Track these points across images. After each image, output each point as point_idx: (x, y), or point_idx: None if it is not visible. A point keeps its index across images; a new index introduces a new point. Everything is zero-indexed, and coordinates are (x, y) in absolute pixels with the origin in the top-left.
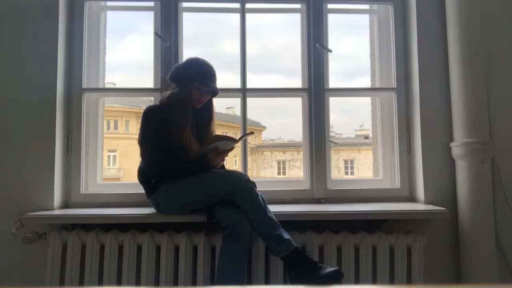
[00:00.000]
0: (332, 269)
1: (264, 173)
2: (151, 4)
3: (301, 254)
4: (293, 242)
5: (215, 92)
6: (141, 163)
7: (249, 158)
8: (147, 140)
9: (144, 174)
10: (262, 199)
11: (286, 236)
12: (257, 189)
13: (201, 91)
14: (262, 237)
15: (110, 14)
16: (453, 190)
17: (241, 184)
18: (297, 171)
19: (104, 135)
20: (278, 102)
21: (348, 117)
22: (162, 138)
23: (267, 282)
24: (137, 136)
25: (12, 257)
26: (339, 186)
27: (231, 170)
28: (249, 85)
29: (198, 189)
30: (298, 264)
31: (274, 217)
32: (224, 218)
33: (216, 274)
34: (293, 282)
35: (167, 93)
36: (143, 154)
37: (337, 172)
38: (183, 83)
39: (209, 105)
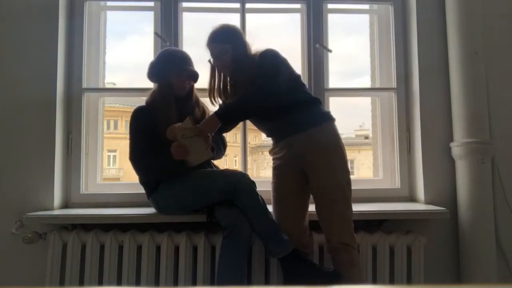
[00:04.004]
0: (330, 270)
1: (264, 173)
2: (151, 4)
3: (299, 255)
4: (292, 243)
5: (195, 75)
6: None
7: (249, 158)
8: (130, 141)
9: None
10: (262, 199)
11: (285, 237)
12: (257, 189)
13: (181, 77)
14: (261, 237)
15: (110, 15)
16: (453, 190)
17: (241, 184)
18: None
19: (104, 135)
20: None
21: (348, 117)
22: (145, 139)
23: (267, 282)
24: None
25: (12, 257)
26: None
27: (232, 170)
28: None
29: (198, 189)
30: (296, 266)
31: (273, 218)
32: (224, 218)
33: (216, 274)
34: (289, 283)
35: (152, 91)
36: (129, 156)
37: None
38: (161, 77)
39: (191, 92)
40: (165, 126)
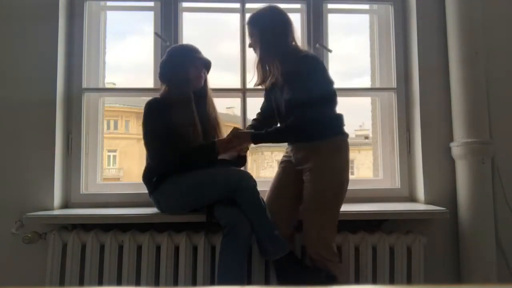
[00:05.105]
0: (325, 273)
1: (264, 173)
2: (151, 4)
3: (296, 257)
4: (289, 245)
5: (209, 63)
6: (147, 159)
7: (249, 158)
8: (149, 136)
9: (152, 172)
10: (263, 200)
11: (282, 238)
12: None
13: (197, 67)
14: (259, 237)
15: (110, 15)
16: (453, 190)
17: (242, 183)
18: None
19: (104, 135)
20: None
21: (348, 117)
22: (165, 131)
23: (267, 282)
24: (137, 136)
25: (12, 257)
26: None
27: (233, 168)
28: (249, 85)
29: (199, 187)
30: (292, 267)
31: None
32: (224, 217)
33: (216, 274)
34: (283, 284)
35: (165, 87)
36: (148, 150)
37: None
38: (177, 71)
39: (205, 86)
40: (184, 123)
